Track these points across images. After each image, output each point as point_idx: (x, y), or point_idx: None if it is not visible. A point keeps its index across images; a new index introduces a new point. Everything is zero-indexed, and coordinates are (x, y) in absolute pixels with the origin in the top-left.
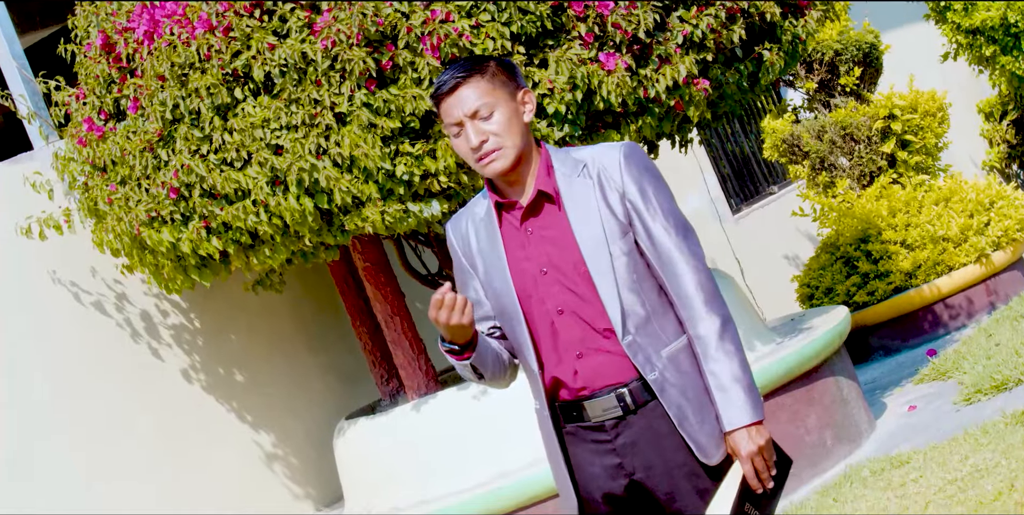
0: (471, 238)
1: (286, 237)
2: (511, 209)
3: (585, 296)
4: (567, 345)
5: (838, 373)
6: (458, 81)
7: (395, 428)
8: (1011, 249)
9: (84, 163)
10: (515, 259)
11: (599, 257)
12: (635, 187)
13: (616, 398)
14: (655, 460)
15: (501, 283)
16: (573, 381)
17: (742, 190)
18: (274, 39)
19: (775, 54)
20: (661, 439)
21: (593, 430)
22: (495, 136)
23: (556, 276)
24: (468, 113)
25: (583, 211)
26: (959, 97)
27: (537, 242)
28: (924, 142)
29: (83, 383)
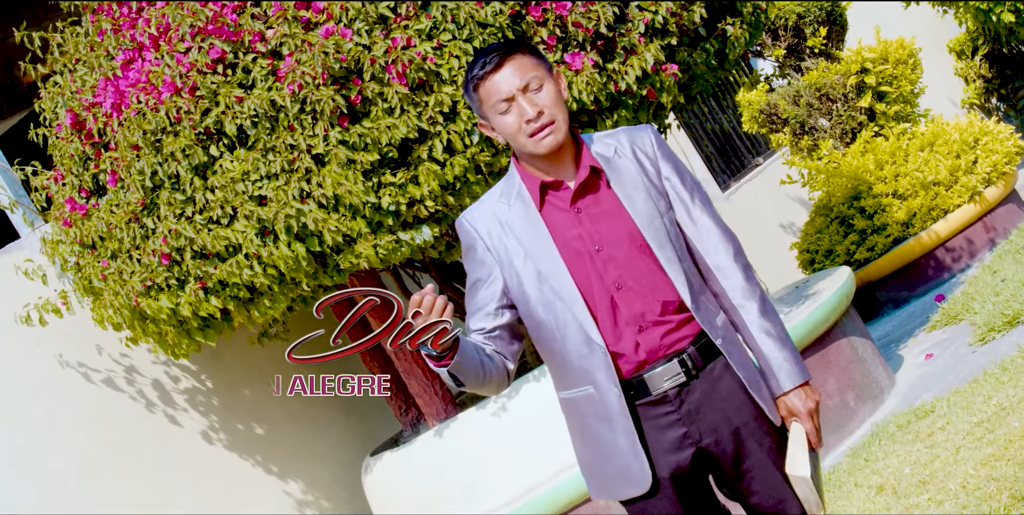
0: (500, 227)
1: (283, 286)
2: (557, 189)
3: (643, 269)
4: (628, 320)
5: (850, 333)
6: (503, 57)
7: (420, 456)
8: (1002, 183)
9: (72, 243)
10: (564, 239)
11: (656, 229)
12: (671, 165)
13: (679, 364)
14: (720, 422)
15: (549, 265)
16: (635, 354)
17: (728, 166)
18: (241, 91)
19: (738, 28)
20: (724, 401)
21: (656, 404)
22: (548, 109)
23: (612, 252)
24: (520, 86)
25: (630, 186)
26: (928, 40)
27: (588, 220)
28: (900, 91)
29: (106, 462)
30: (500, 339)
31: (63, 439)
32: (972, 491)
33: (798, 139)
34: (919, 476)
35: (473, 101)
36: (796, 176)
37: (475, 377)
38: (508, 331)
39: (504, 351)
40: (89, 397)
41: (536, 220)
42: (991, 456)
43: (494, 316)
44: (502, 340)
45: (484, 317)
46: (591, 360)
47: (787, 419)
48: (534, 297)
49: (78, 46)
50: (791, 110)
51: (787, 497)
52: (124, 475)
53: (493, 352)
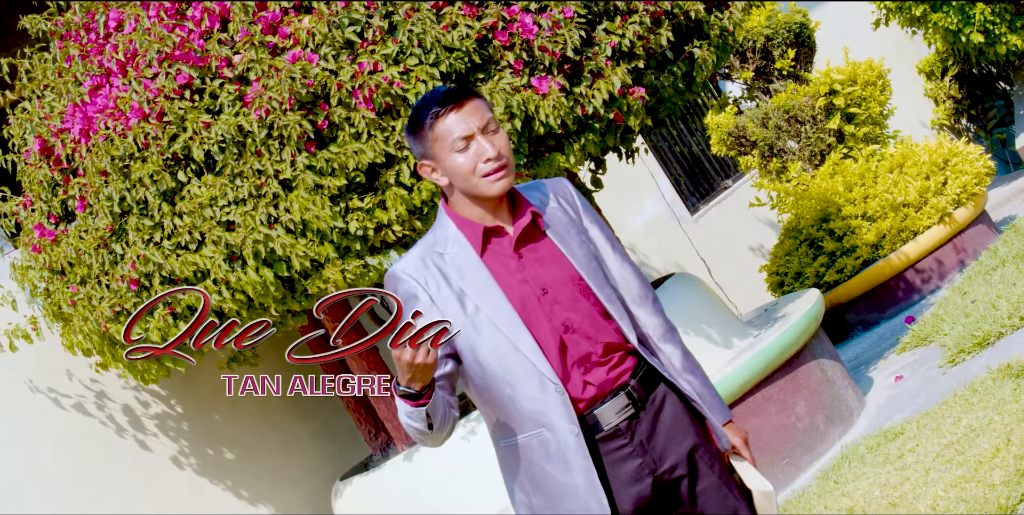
0: (441, 278)
1: (252, 311)
2: (499, 235)
3: (586, 312)
4: (576, 360)
5: (819, 356)
6: (464, 97)
7: (390, 480)
8: (972, 204)
9: (42, 269)
10: (509, 284)
11: (594, 271)
12: (590, 218)
13: (626, 396)
14: (671, 448)
15: (496, 311)
16: (583, 393)
17: (697, 189)
18: (208, 117)
19: (706, 50)
20: (670, 428)
21: (610, 439)
22: (504, 151)
23: (556, 295)
24: (481, 126)
25: (565, 233)
26: (897, 61)
27: (530, 265)
28: (869, 112)
29: (77, 488)
30: (443, 389)
31: (34, 465)
32: (942, 513)
33: (767, 161)
34: (889, 498)
35: (424, 139)
36: (765, 198)
37: (442, 419)
38: (449, 381)
39: (451, 400)
40: (60, 423)
41: (479, 266)
42: (961, 478)
43: (438, 366)
44: (444, 390)
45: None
46: (544, 402)
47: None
48: (484, 343)
49: (46, 72)
50: (760, 132)
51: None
52: (96, 501)
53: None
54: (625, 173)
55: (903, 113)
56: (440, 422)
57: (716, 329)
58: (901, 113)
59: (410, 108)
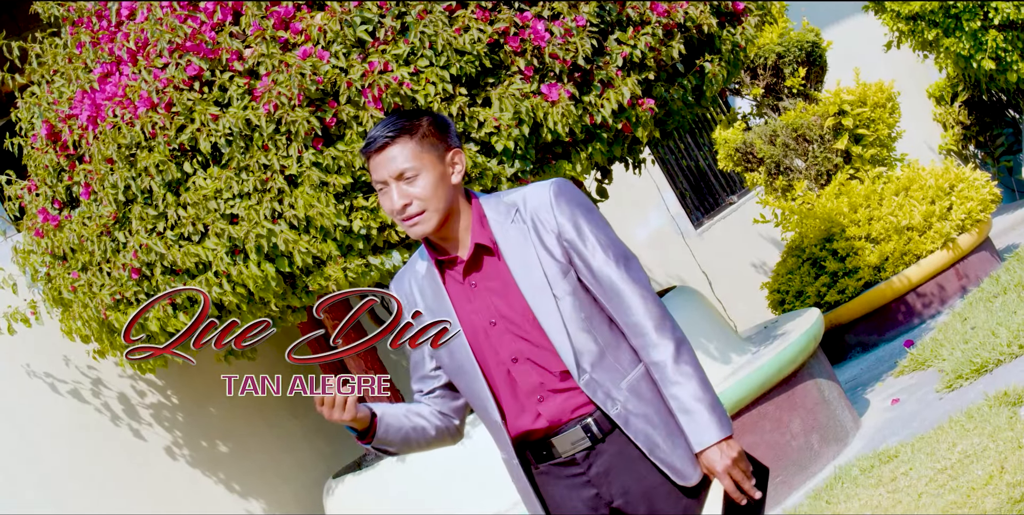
0: (416, 296)
1: (252, 305)
2: (452, 265)
3: (537, 342)
4: (527, 392)
5: (817, 375)
6: (386, 141)
7: (382, 481)
8: (976, 231)
9: (44, 254)
10: (464, 313)
11: (543, 302)
12: (569, 225)
13: (583, 429)
14: (631, 484)
15: (454, 340)
16: (536, 423)
17: (702, 203)
18: (216, 109)
19: (717, 65)
20: (634, 463)
21: (565, 465)
22: (418, 200)
23: (506, 325)
24: (393, 175)
25: (522, 258)
26: (908, 84)
27: (482, 294)
28: (877, 134)
29: (69, 474)
30: (441, 398)
31: (26, 449)
32: None
33: (773, 179)
34: None
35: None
36: (769, 216)
37: (403, 445)
38: (448, 389)
39: (447, 409)
40: (55, 408)
41: (440, 293)
42: (953, 503)
43: (431, 378)
44: (443, 399)
45: (420, 379)
46: (496, 430)
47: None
48: (447, 367)
49: (56, 57)
50: (767, 150)
51: None
52: (86, 487)
53: (434, 413)
54: (631, 184)
55: (911, 136)
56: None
57: (715, 344)
58: (909, 136)
59: (419, 109)
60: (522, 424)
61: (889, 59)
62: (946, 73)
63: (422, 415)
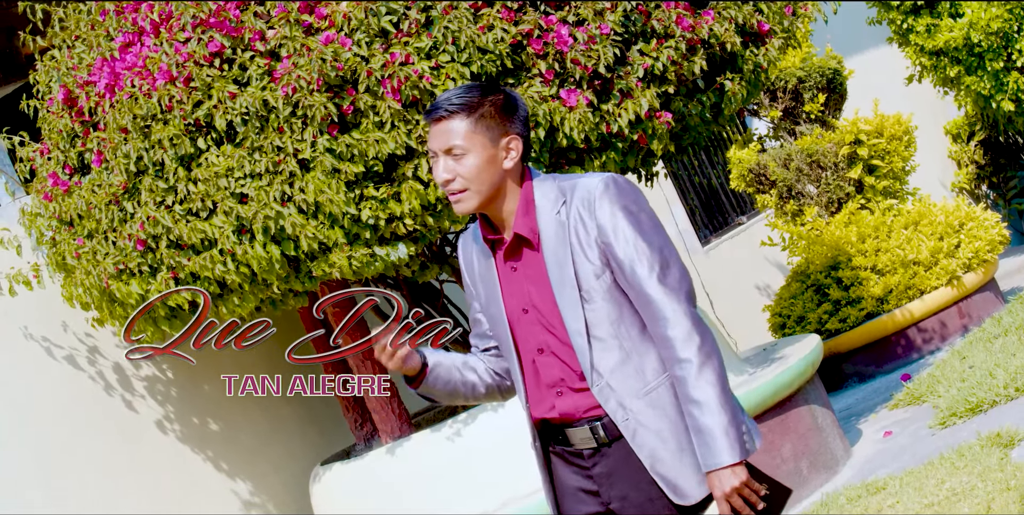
0: (474, 263)
1: (254, 285)
2: (500, 245)
3: (563, 338)
4: (548, 383)
5: (812, 401)
6: (444, 114)
7: (370, 472)
8: (982, 271)
9: (51, 218)
10: (507, 293)
11: (570, 302)
12: (608, 227)
13: (590, 430)
14: (630, 492)
15: (497, 313)
16: (550, 414)
17: (711, 221)
18: (235, 88)
19: (737, 84)
20: (637, 472)
21: (575, 455)
22: (461, 178)
23: (536, 316)
24: (443, 149)
25: (556, 254)
26: (925, 119)
27: (520, 280)
28: (891, 166)
29: (58, 437)
30: (496, 358)
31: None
32: None
33: (784, 202)
34: None
35: None
36: (777, 239)
37: (449, 397)
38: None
39: (500, 369)
40: (50, 372)
41: (491, 267)
42: None
43: (487, 337)
44: (497, 358)
45: (478, 336)
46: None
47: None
48: (495, 335)
49: (79, 23)
50: (780, 173)
51: None
52: (74, 454)
53: (488, 371)
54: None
55: (925, 171)
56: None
57: None
58: (923, 171)
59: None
60: (540, 412)
61: (909, 93)
62: (965, 111)
63: (476, 371)
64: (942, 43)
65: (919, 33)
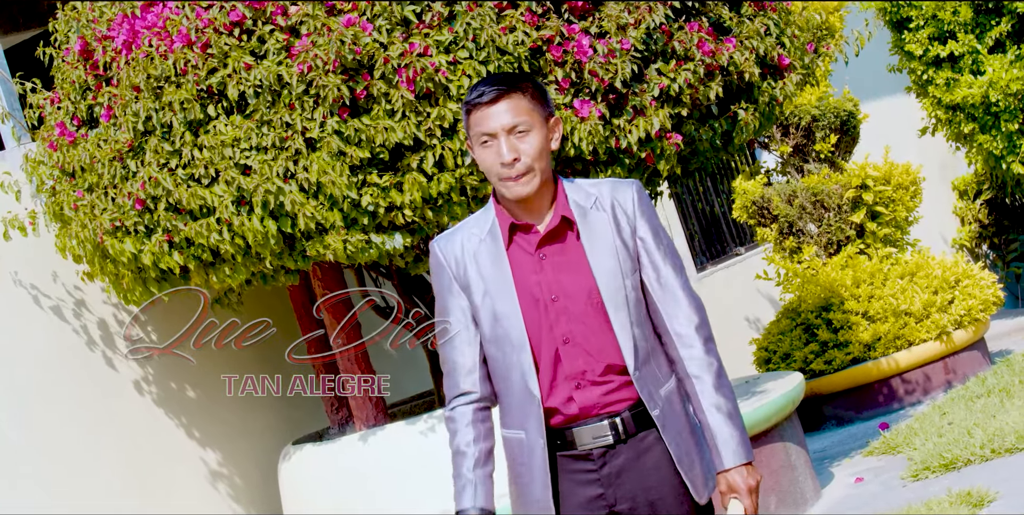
0: (468, 260)
1: (247, 258)
2: (526, 232)
3: (594, 327)
4: (568, 375)
5: (788, 439)
6: (501, 92)
7: (341, 457)
8: (973, 329)
9: (53, 167)
10: (525, 283)
11: (615, 289)
12: (648, 226)
13: (609, 426)
14: (639, 492)
15: (506, 307)
16: (566, 408)
17: (709, 248)
18: (251, 59)
19: (751, 114)
20: (648, 472)
21: (579, 459)
22: (527, 157)
23: (566, 304)
24: (506, 127)
25: (599, 242)
26: (934, 172)
27: (551, 268)
28: (895, 215)
29: (35, 386)
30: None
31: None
32: None
33: (783, 238)
34: None
35: (465, 122)
36: (773, 274)
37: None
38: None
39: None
40: (35, 321)
41: (502, 259)
42: None
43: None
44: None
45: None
46: (528, 407)
47: (725, 496)
48: (487, 334)
49: None
50: (783, 208)
51: None
52: (48, 405)
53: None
54: None
55: (927, 224)
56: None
57: None
58: (925, 223)
59: (449, 98)
60: (551, 405)
61: (921, 144)
62: (975, 169)
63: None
64: (960, 98)
65: (938, 86)
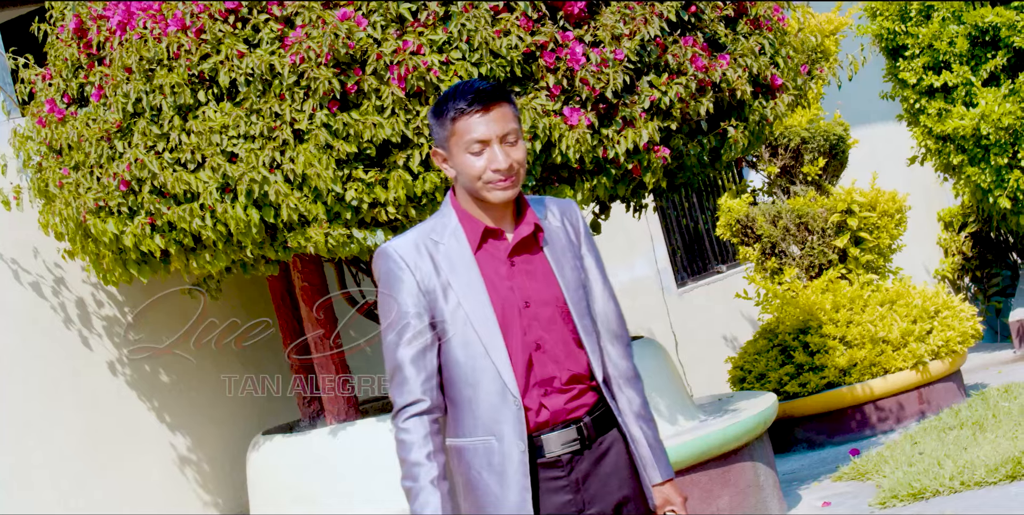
0: (433, 266)
1: (228, 245)
2: (497, 238)
3: (561, 335)
4: (538, 381)
5: (757, 459)
6: (494, 100)
7: (309, 450)
8: (949, 360)
9: (41, 143)
10: (499, 289)
11: (579, 299)
12: (589, 245)
13: (577, 431)
14: (602, 494)
15: (476, 311)
16: (537, 416)
17: (690, 265)
18: (244, 47)
19: (740, 132)
20: (608, 475)
21: (548, 467)
22: (518, 164)
23: (537, 311)
24: (500, 134)
25: (560, 253)
26: (920, 202)
27: (520, 275)
28: (878, 242)
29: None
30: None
31: None
32: None
33: (765, 258)
34: None
35: (443, 129)
36: (752, 294)
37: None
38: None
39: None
40: (11, 296)
41: (471, 263)
42: None
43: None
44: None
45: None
46: (502, 411)
47: (661, 508)
48: (457, 340)
49: None
50: (767, 229)
51: None
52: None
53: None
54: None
55: (910, 253)
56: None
57: (666, 402)
58: (908, 252)
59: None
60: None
61: (909, 173)
62: (961, 201)
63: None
64: (951, 129)
65: (930, 115)
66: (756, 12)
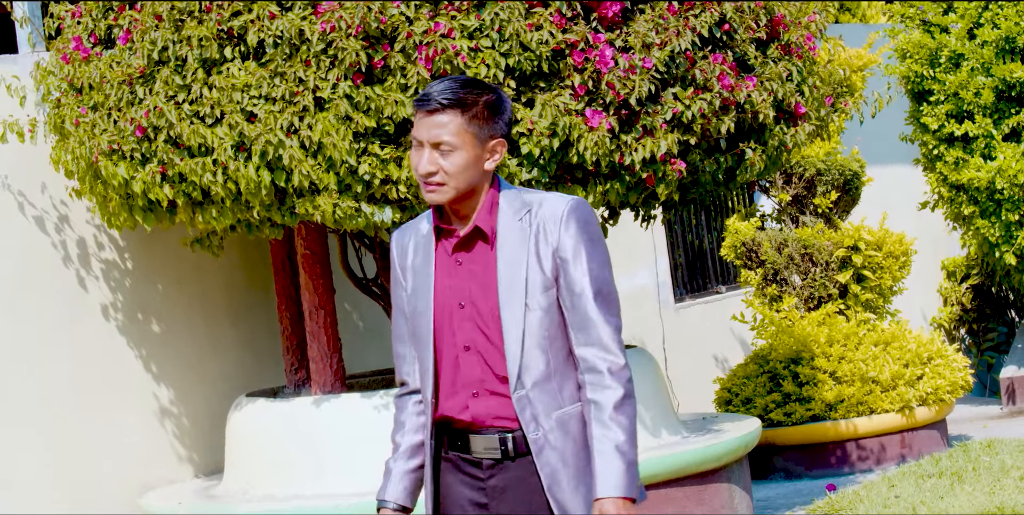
0: (409, 253)
1: (236, 203)
2: (449, 236)
3: (493, 339)
4: (465, 382)
5: (734, 481)
6: (438, 107)
7: (291, 417)
8: (936, 408)
9: (62, 80)
10: (441, 286)
11: (513, 305)
12: (570, 244)
13: (499, 440)
14: (520, 511)
15: (423, 305)
16: (461, 415)
17: (690, 281)
18: (276, 9)
19: (758, 155)
20: (532, 494)
21: (471, 464)
22: (444, 173)
23: (472, 312)
24: (431, 141)
25: (513, 256)
26: (927, 248)
27: (463, 275)
28: (880, 282)
29: (7, 288)
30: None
31: None
32: None
33: (766, 284)
34: None
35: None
36: (748, 318)
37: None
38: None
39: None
40: (14, 227)
41: (430, 259)
42: None
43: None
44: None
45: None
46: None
47: None
48: (410, 329)
49: None
50: (772, 255)
51: None
52: (11, 316)
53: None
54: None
55: (910, 297)
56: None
57: (651, 414)
58: (909, 296)
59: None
60: (448, 409)
61: (918, 217)
62: (967, 252)
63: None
64: (966, 179)
65: (947, 163)
66: (788, 38)
